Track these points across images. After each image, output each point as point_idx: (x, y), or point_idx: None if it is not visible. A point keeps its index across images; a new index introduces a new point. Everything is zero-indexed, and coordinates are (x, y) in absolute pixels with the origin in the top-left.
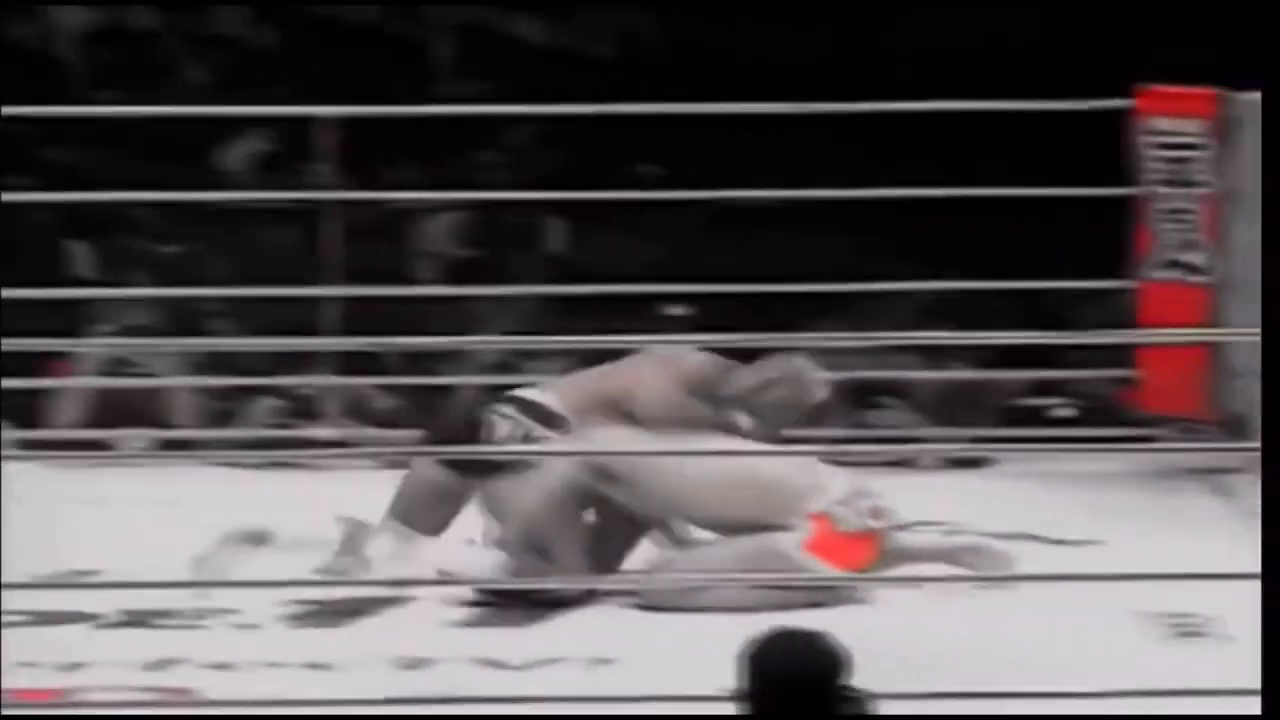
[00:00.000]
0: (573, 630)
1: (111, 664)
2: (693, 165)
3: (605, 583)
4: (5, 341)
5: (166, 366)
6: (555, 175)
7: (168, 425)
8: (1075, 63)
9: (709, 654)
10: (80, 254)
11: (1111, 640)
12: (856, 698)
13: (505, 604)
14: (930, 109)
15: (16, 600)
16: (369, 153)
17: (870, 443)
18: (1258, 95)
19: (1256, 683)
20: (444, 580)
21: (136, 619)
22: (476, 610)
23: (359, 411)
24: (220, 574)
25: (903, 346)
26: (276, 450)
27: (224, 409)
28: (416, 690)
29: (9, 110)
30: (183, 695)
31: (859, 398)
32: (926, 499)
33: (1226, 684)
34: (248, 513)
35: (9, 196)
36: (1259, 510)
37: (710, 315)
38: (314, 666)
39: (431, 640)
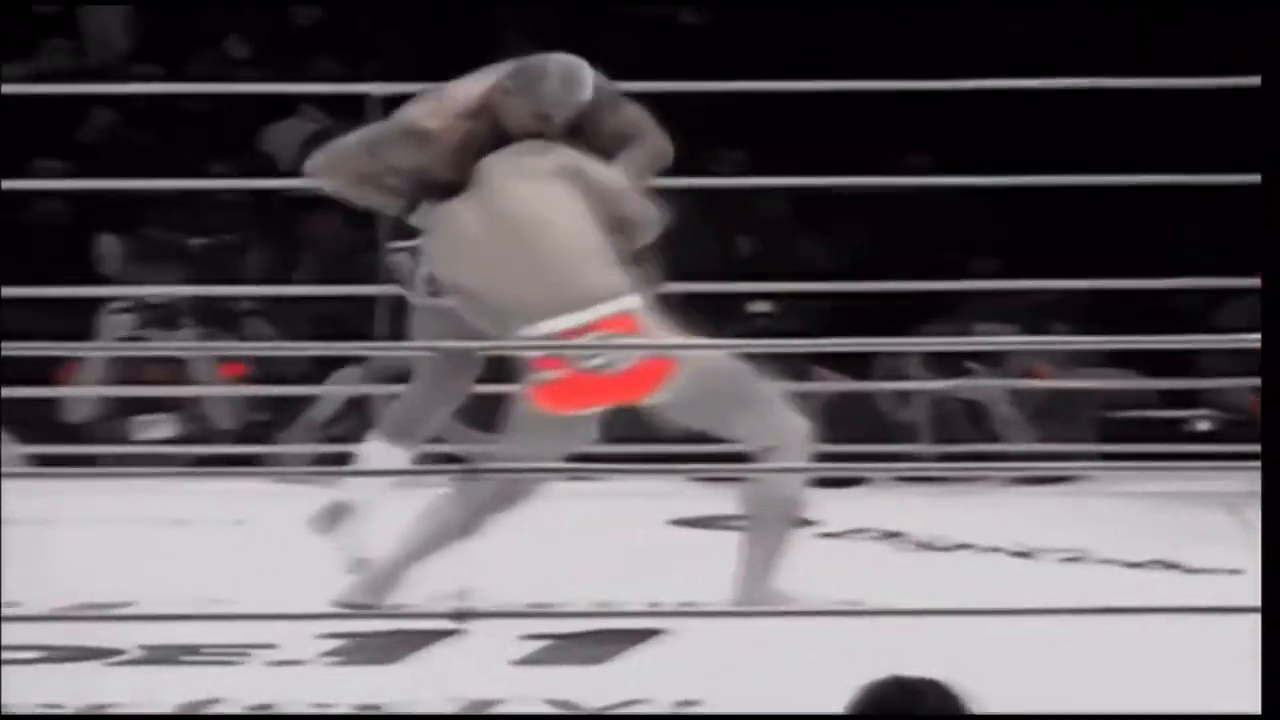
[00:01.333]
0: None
1: (137, 707)
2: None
3: None
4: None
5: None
6: None
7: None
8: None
9: None
10: (108, 247)
11: None
12: None
13: None
14: (1030, 86)
15: (24, 634)
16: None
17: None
18: None
19: None
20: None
21: (162, 655)
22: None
23: None
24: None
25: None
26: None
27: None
28: None
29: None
30: None
31: (970, 409)
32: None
33: None
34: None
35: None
36: None
37: (802, 315)
38: (365, 709)
39: (494, 677)
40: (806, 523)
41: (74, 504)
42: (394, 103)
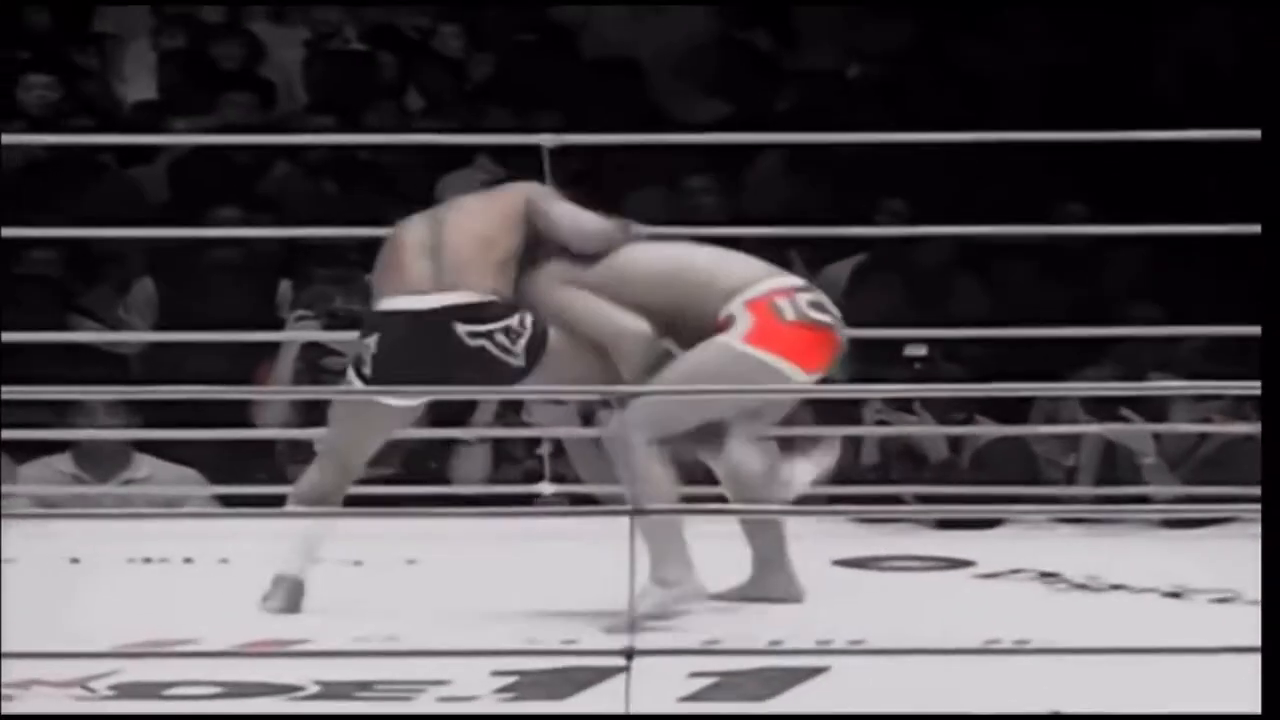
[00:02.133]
0: None
1: None
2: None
3: None
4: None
5: None
6: (797, 207)
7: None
8: None
9: None
10: (286, 294)
11: None
12: None
13: None
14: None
15: (201, 670)
16: (601, 181)
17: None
18: None
19: None
20: None
21: (338, 691)
22: None
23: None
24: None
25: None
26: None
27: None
28: None
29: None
30: None
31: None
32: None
33: None
34: None
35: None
36: None
37: (959, 359)
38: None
39: (663, 714)
40: (964, 564)
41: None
42: (564, 153)
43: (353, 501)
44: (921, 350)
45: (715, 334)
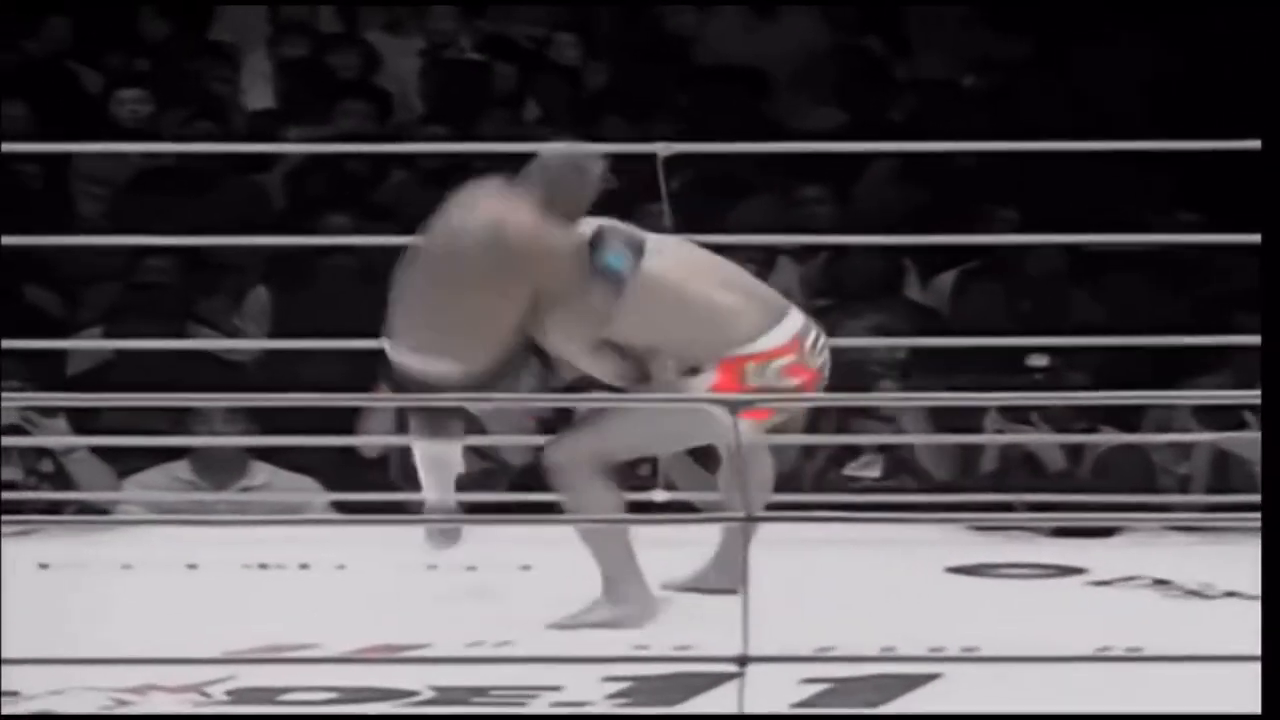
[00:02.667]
0: None
1: None
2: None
3: None
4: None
5: None
6: (911, 216)
7: None
8: None
9: None
10: None
11: None
12: None
13: None
14: None
15: (326, 677)
16: (714, 190)
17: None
18: None
19: None
20: None
21: (453, 696)
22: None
23: None
24: None
25: None
26: None
27: None
28: None
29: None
30: None
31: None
32: None
33: None
34: None
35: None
36: None
37: (1078, 368)
38: None
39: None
40: (1077, 571)
41: (368, 551)
42: (679, 161)
43: (468, 510)
44: (1043, 360)
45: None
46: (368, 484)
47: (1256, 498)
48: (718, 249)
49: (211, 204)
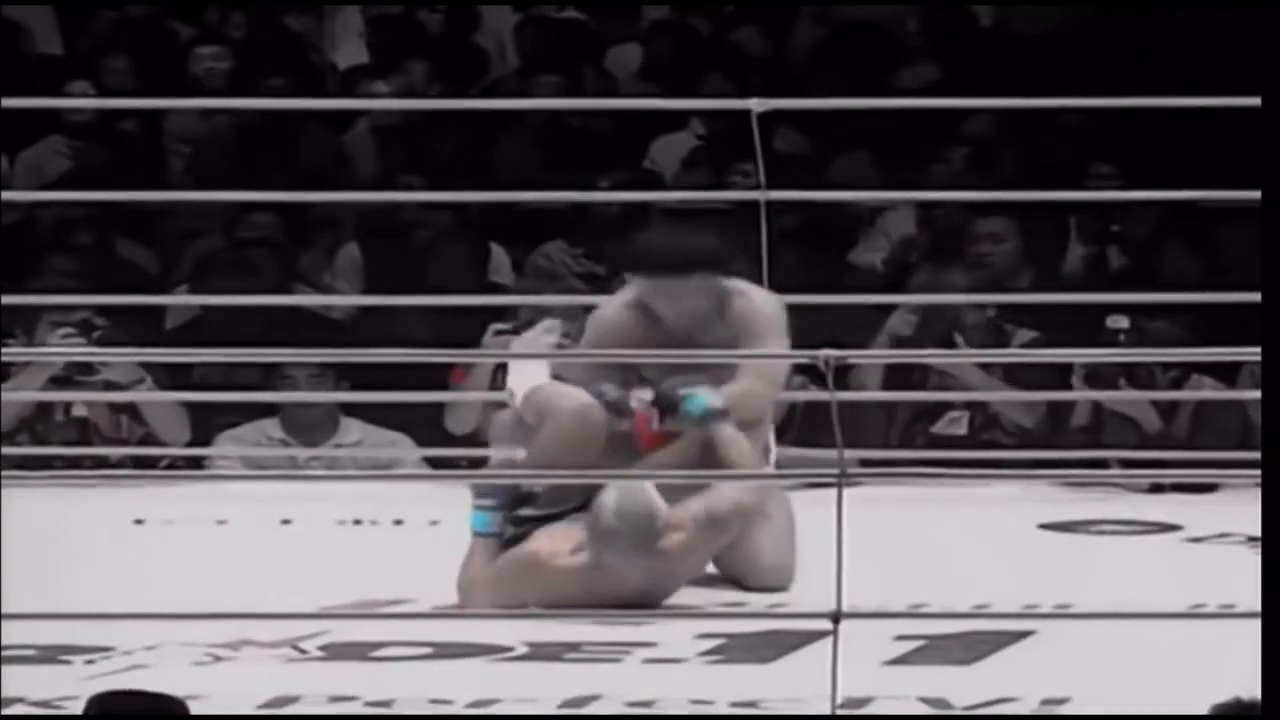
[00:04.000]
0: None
1: (524, 701)
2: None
3: None
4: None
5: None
6: (1012, 174)
7: None
8: None
9: None
10: (499, 259)
11: None
12: None
13: None
14: None
15: (421, 631)
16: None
17: None
18: None
19: None
20: None
21: (547, 652)
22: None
23: None
24: None
25: None
26: None
27: None
28: None
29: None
30: None
31: None
32: None
33: None
34: None
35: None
36: None
37: (1166, 329)
38: (741, 706)
39: (868, 677)
40: (1171, 527)
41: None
42: (775, 117)
43: None
44: (1124, 322)
45: None
46: (458, 440)
47: None
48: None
49: (297, 162)
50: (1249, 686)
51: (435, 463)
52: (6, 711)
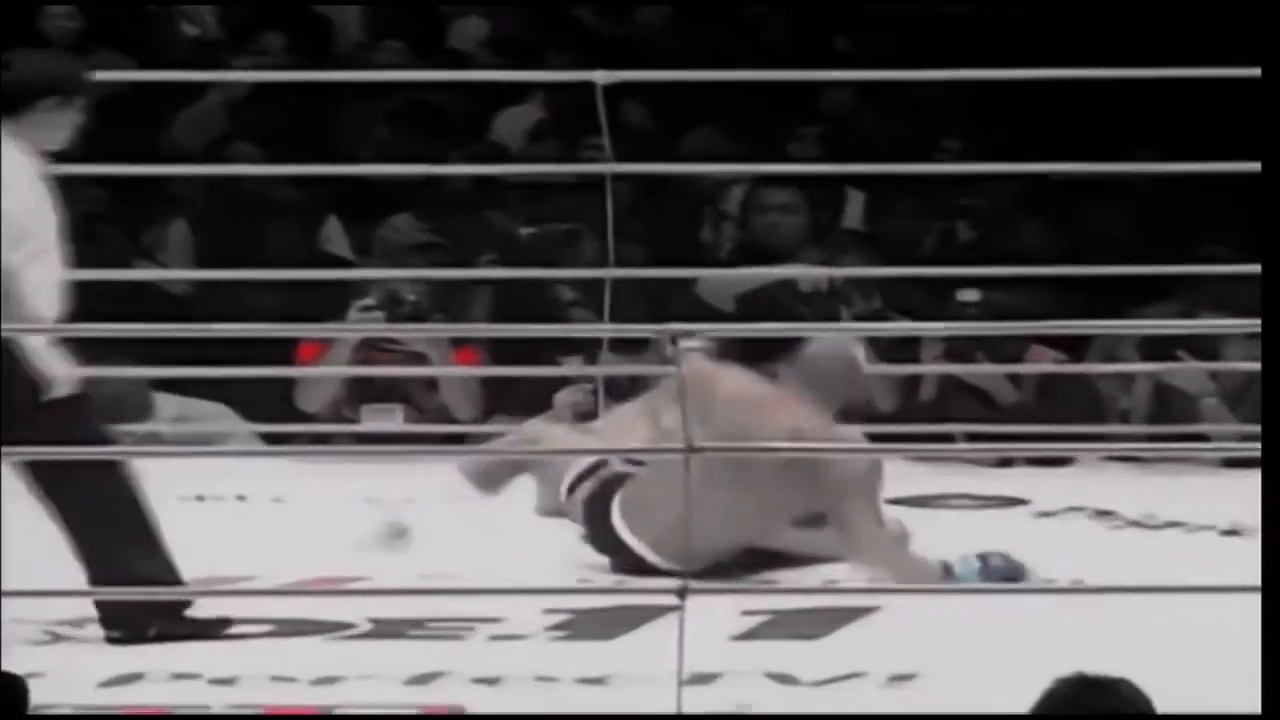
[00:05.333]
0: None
1: (367, 678)
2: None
3: None
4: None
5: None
6: (862, 146)
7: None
8: None
9: None
10: (334, 233)
11: None
12: None
13: None
14: None
15: (264, 608)
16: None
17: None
18: None
19: None
20: None
21: (389, 630)
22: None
23: None
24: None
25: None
26: None
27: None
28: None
29: None
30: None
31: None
32: None
33: None
34: None
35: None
36: None
37: (1018, 301)
38: (587, 682)
39: (714, 652)
40: (1019, 502)
41: (303, 484)
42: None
43: None
44: (974, 295)
45: None
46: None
47: (1197, 428)
48: None
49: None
50: (1094, 661)
51: (276, 438)
52: None
